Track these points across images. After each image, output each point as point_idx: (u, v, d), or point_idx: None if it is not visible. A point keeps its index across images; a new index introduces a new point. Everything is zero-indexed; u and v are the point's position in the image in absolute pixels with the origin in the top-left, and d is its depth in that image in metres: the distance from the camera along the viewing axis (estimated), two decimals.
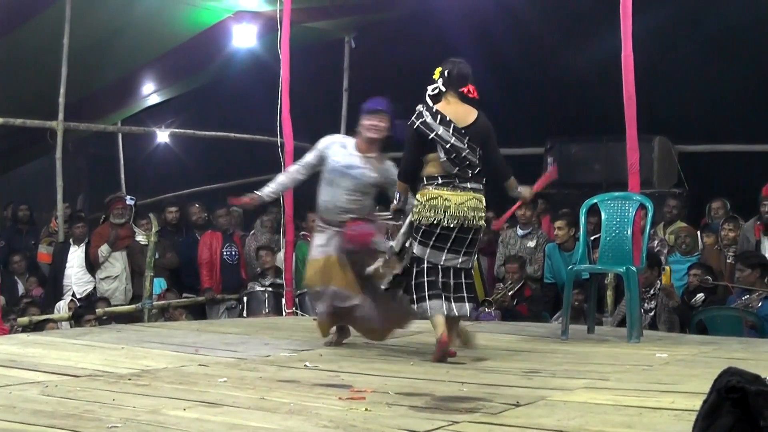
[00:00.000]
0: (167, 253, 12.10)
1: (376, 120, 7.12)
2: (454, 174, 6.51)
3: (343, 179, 7.13)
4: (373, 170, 7.15)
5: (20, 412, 4.35)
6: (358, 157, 7.16)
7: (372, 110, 7.16)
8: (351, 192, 7.14)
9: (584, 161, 12.95)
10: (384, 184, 7.22)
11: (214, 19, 13.19)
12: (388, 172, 7.20)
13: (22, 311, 10.10)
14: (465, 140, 6.50)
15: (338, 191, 7.15)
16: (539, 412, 4.40)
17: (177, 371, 5.84)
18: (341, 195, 7.14)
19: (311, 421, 4.17)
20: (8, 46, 9.80)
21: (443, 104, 6.67)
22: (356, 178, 7.12)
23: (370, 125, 7.12)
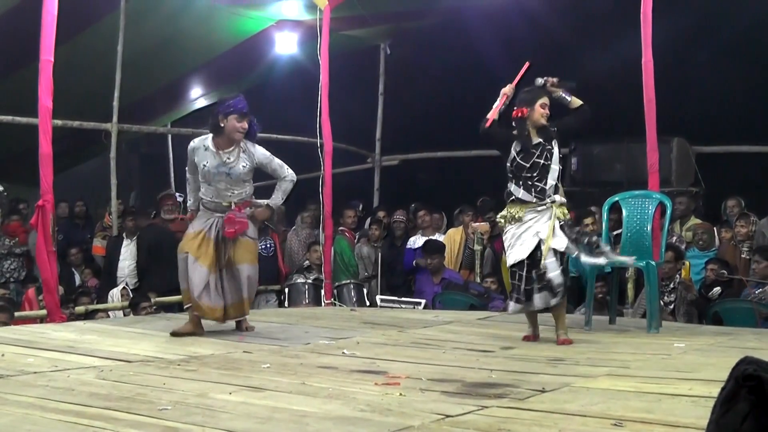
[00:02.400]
0: None
1: (245, 122, 7.12)
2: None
3: (218, 178, 7.19)
4: (242, 161, 7.18)
5: (78, 394, 4.39)
6: (221, 154, 7.17)
7: (242, 112, 7.11)
8: (229, 188, 7.21)
9: (606, 161, 12.89)
10: (262, 167, 7.33)
11: (258, 27, 13.23)
12: (255, 154, 7.25)
13: (74, 301, 10.17)
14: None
15: (219, 189, 7.22)
16: (564, 398, 4.39)
17: (223, 357, 5.87)
18: (222, 192, 7.22)
19: (349, 405, 4.18)
20: (67, 53, 9.86)
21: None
22: (230, 174, 7.18)
23: (240, 127, 7.10)
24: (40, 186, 8.05)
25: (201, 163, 7.20)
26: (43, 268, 8.11)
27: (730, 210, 11.16)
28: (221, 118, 7.11)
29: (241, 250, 7.24)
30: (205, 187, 7.27)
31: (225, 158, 7.14)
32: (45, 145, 7.97)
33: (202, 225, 7.22)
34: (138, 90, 13.41)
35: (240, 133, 7.11)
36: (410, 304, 10.48)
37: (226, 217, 7.16)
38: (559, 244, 6.75)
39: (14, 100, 11.44)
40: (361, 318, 8.73)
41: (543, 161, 6.81)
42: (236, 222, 7.14)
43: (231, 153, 7.16)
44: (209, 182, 7.22)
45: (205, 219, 7.25)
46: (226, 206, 7.22)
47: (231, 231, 7.13)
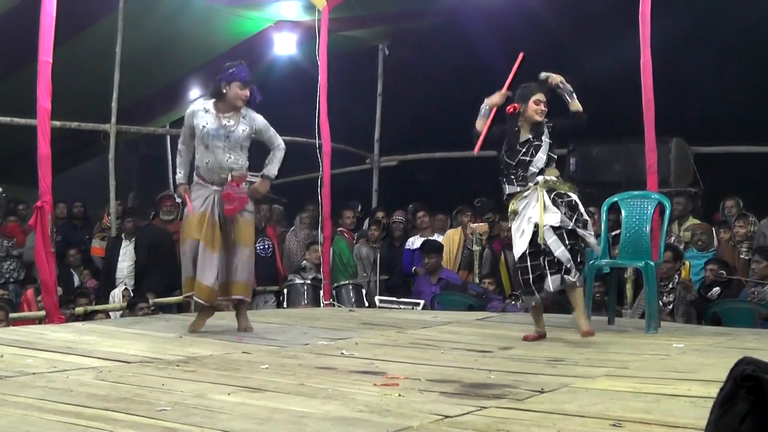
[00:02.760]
0: None
1: (247, 90, 7.26)
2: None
3: (217, 140, 7.23)
4: (241, 126, 7.26)
5: (77, 395, 4.39)
6: (221, 117, 7.24)
7: (245, 81, 7.24)
8: (227, 151, 7.24)
9: (605, 161, 12.89)
10: (257, 136, 7.42)
11: (257, 28, 13.23)
12: (256, 120, 7.36)
13: (74, 302, 10.17)
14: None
15: (217, 152, 7.24)
16: (562, 399, 4.39)
17: (222, 358, 5.87)
18: (220, 155, 7.24)
19: (348, 406, 4.17)
20: (65, 54, 9.86)
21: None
22: (228, 137, 7.23)
23: (242, 95, 7.23)
24: (39, 187, 8.05)
25: (200, 125, 7.25)
26: (42, 269, 8.10)
27: (728, 210, 11.17)
28: (224, 85, 7.22)
29: (243, 229, 7.31)
30: (201, 152, 7.29)
31: (225, 122, 7.22)
32: (43, 146, 7.97)
33: (203, 205, 7.21)
34: (137, 91, 13.41)
35: (242, 100, 7.23)
36: (409, 304, 10.49)
37: (225, 193, 7.18)
38: (553, 219, 6.75)
39: (13, 101, 11.44)
40: (360, 319, 8.74)
41: (528, 158, 6.87)
42: (235, 198, 7.19)
43: (231, 117, 7.25)
44: (207, 145, 7.25)
45: (203, 197, 7.25)
46: (223, 178, 7.23)
47: (231, 208, 7.18)
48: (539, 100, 6.92)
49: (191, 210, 7.26)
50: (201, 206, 7.22)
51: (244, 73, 7.25)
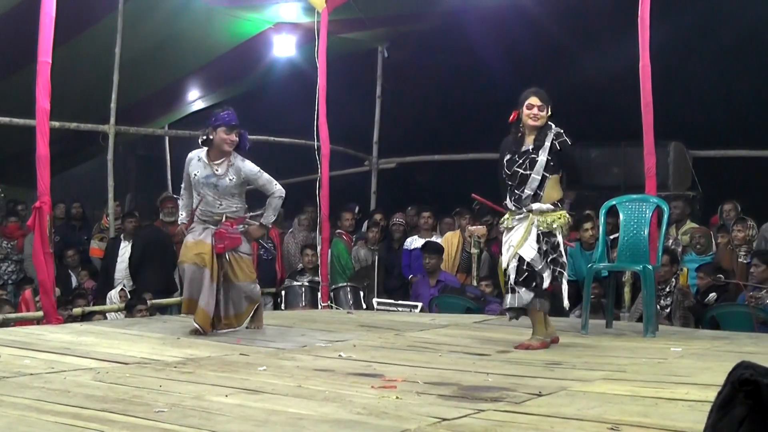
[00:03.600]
0: None
1: (233, 135, 7.30)
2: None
3: (207, 189, 7.35)
4: (229, 175, 7.33)
5: (74, 396, 4.39)
6: (212, 165, 7.35)
7: (231, 125, 7.29)
8: (218, 198, 7.35)
9: (603, 165, 12.91)
10: (250, 182, 7.47)
11: (256, 29, 13.22)
12: (243, 169, 7.38)
13: (72, 302, 10.16)
14: None
15: (207, 199, 7.37)
16: (560, 402, 4.39)
17: (220, 360, 5.87)
18: (212, 202, 7.36)
19: (345, 408, 4.17)
20: (64, 55, 9.84)
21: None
22: (216, 186, 7.32)
23: (228, 139, 7.29)
24: (38, 187, 8.05)
25: (193, 173, 7.39)
26: (40, 269, 8.10)
27: (726, 214, 11.17)
28: (210, 131, 7.33)
29: (238, 268, 7.38)
30: (196, 198, 7.44)
31: (214, 169, 7.32)
32: (42, 147, 7.97)
33: (200, 234, 7.32)
34: (135, 92, 13.41)
35: (228, 144, 7.29)
36: (407, 307, 10.48)
37: (217, 231, 7.29)
38: (527, 253, 6.72)
39: (12, 101, 11.43)
40: (358, 321, 8.74)
41: (522, 170, 6.80)
42: (226, 238, 7.28)
43: (220, 165, 7.33)
44: (198, 192, 7.39)
45: (201, 229, 7.36)
46: (217, 219, 7.34)
47: (221, 246, 7.26)
48: (531, 104, 6.81)
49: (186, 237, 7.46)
50: (199, 234, 7.34)
51: (228, 117, 7.32)
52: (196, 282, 7.23)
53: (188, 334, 7.24)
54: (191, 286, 7.28)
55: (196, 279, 7.23)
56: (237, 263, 7.36)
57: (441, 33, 13.85)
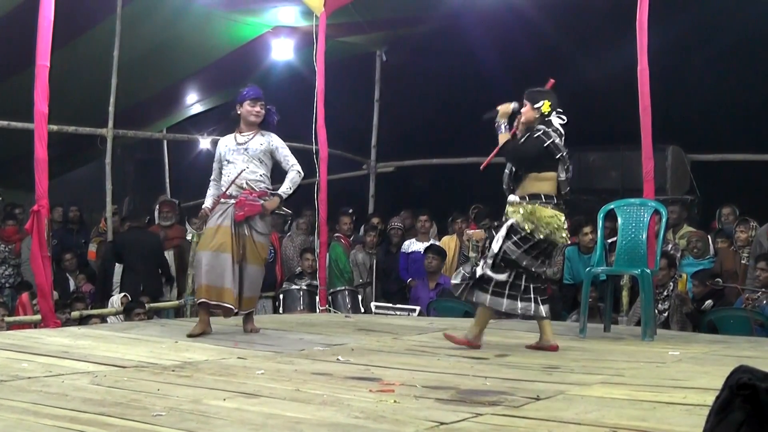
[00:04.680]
0: None
1: (258, 107, 7.60)
2: (564, 194, 6.84)
3: (237, 155, 7.54)
4: (258, 140, 7.57)
5: (72, 399, 4.38)
6: (240, 136, 7.61)
7: (255, 97, 7.61)
8: (246, 162, 7.52)
9: (602, 169, 12.92)
10: (272, 152, 7.65)
11: (254, 33, 13.23)
12: (272, 137, 7.66)
13: (69, 306, 10.16)
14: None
15: (237, 164, 7.53)
16: (558, 406, 4.39)
17: (217, 363, 5.86)
18: (240, 165, 7.53)
19: (343, 412, 4.17)
20: (63, 58, 9.85)
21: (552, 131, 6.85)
22: (247, 151, 7.53)
23: (253, 111, 7.59)
24: (35, 191, 8.05)
25: (223, 148, 7.64)
26: (38, 273, 8.10)
27: (725, 218, 11.18)
28: (237, 107, 7.65)
29: (252, 249, 7.51)
30: (225, 170, 7.60)
31: (243, 138, 7.57)
32: (40, 150, 7.97)
33: (220, 217, 7.45)
34: (134, 95, 13.41)
35: (254, 116, 7.58)
36: (405, 311, 10.49)
37: (238, 200, 7.43)
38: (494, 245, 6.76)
39: (10, 105, 11.44)
40: (356, 325, 8.73)
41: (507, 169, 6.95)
42: (246, 204, 7.43)
43: (248, 135, 7.60)
44: (230, 160, 7.56)
45: (221, 210, 7.48)
46: (242, 186, 7.46)
47: (240, 214, 7.42)
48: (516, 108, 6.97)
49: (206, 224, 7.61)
50: (218, 219, 7.46)
51: (253, 91, 7.63)
52: (217, 268, 7.33)
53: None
54: (211, 274, 7.35)
55: (217, 265, 7.33)
56: (253, 244, 7.49)
57: (439, 36, 13.87)
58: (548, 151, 6.75)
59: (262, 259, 7.63)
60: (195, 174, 18.18)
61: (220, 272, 7.31)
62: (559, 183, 6.80)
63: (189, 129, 16.43)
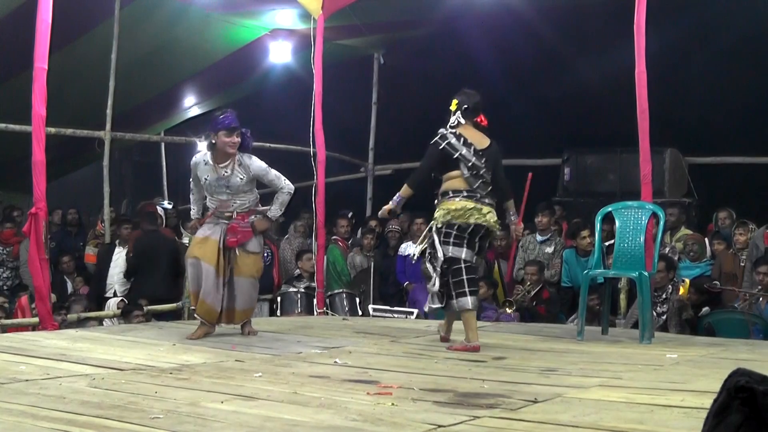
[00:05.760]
0: None
1: (234, 136, 7.36)
2: (475, 188, 7.03)
3: (220, 190, 7.48)
4: (239, 174, 7.44)
5: (69, 402, 4.38)
6: (219, 167, 7.44)
7: (230, 128, 7.36)
8: (231, 197, 7.50)
9: (599, 171, 12.92)
10: (259, 179, 7.58)
11: (252, 36, 13.24)
12: (251, 167, 7.49)
13: (68, 309, 10.15)
14: (482, 161, 7.06)
15: (222, 199, 7.51)
16: (556, 409, 4.39)
17: (215, 366, 5.86)
18: (226, 201, 7.51)
19: (341, 415, 4.17)
20: (60, 61, 9.85)
21: (463, 129, 7.18)
22: (230, 187, 7.45)
23: (229, 142, 7.36)
24: (33, 194, 8.04)
25: (202, 177, 7.51)
26: (36, 275, 8.09)
27: (721, 222, 11.18)
28: (212, 135, 7.42)
29: (243, 264, 7.53)
30: (209, 198, 7.61)
31: (222, 172, 7.42)
32: (38, 153, 7.96)
33: (210, 231, 7.49)
34: (131, 98, 13.41)
35: (230, 147, 7.37)
36: (402, 313, 10.48)
37: (229, 226, 7.47)
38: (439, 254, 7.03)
39: (8, 107, 11.43)
40: (354, 327, 8.73)
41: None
42: (239, 232, 7.48)
43: (227, 167, 7.42)
44: (212, 194, 7.54)
45: (212, 225, 7.53)
46: (229, 215, 7.50)
47: (233, 240, 7.46)
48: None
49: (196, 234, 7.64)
50: (207, 231, 7.51)
51: (228, 120, 7.38)
52: (199, 277, 7.41)
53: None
54: (196, 281, 7.45)
55: (199, 274, 7.40)
56: (242, 259, 7.51)
57: (437, 39, 13.88)
58: (445, 152, 7.11)
59: (252, 273, 7.62)
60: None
61: (205, 284, 7.37)
62: (465, 180, 7.05)
63: (187, 132, 16.42)
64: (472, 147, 7.05)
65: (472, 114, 7.26)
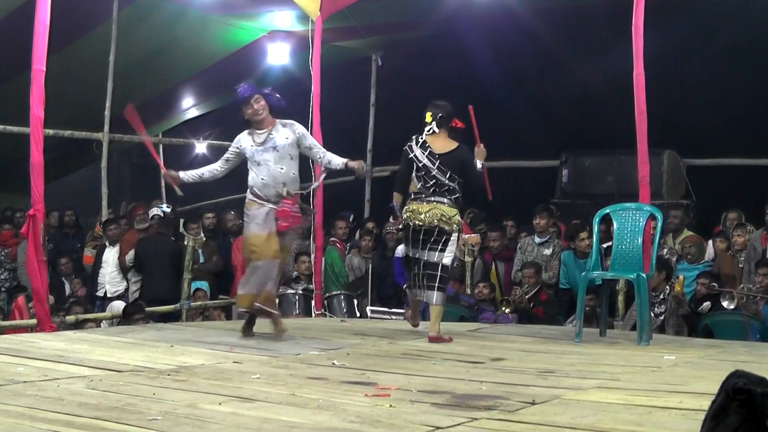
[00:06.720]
0: (213, 257, 12.09)
1: (253, 104, 7.44)
2: (421, 189, 7.67)
3: (267, 154, 7.44)
4: (285, 134, 7.50)
5: (68, 404, 4.38)
6: (260, 134, 7.49)
7: (245, 99, 7.46)
8: (278, 162, 7.45)
9: (597, 173, 12.94)
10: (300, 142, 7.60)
11: (250, 38, 13.24)
12: (294, 125, 7.59)
13: (67, 310, 10.15)
14: (436, 164, 7.62)
15: (269, 165, 7.45)
16: (554, 410, 4.39)
17: (213, 368, 5.85)
18: (272, 167, 7.45)
19: (339, 417, 4.17)
20: (59, 62, 9.85)
21: (432, 136, 7.79)
22: (276, 148, 7.44)
23: (251, 112, 7.46)
24: (31, 195, 8.03)
25: (247, 148, 7.49)
26: (33, 277, 8.07)
27: (730, 223, 11.16)
28: (241, 113, 7.53)
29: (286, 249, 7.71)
30: (255, 171, 7.49)
31: (265, 137, 7.45)
32: (36, 155, 7.94)
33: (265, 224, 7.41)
34: (130, 100, 13.35)
35: (257, 114, 7.44)
36: (400, 315, 10.48)
37: (281, 209, 7.43)
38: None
39: (6, 109, 11.44)
40: (352, 329, 8.72)
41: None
42: (291, 216, 7.48)
43: (269, 131, 7.48)
44: (258, 162, 7.45)
45: (262, 215, 7.42)
46: (278, 193, 7.42)
47: (285, 225, 7.48)
48: None
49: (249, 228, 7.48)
50: (264, 225, 7.42)
51: (240, 94, 7.50)
52: (271, 275, 7.42)
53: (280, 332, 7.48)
54: (264, 280, 7.40)
55: (271, 273, 7.42)
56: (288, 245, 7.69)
57: (435, 41, 13.89)
58: (404, 153, 7.83)
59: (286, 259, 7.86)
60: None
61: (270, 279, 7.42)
62: (415, 181, 7.71)
63: (185, 133, 16.43)
64: (428, 150, 7.67)
65: (447, 121, 7.80)
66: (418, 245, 7.63)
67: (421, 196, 7.65)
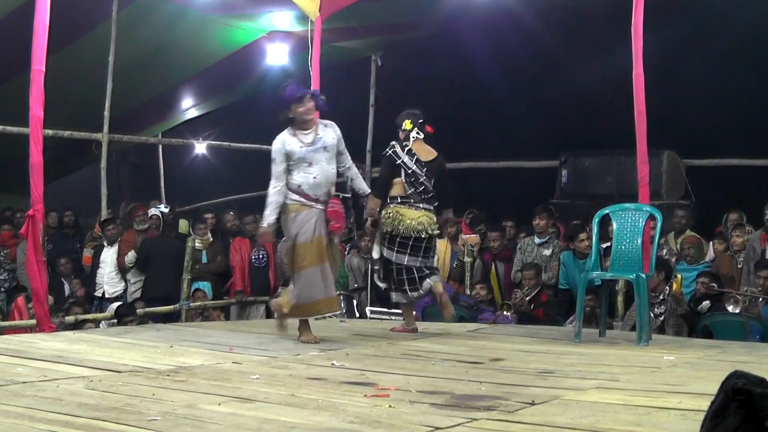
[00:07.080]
0: (218, 257, 12.09)
1: (306, 103, 7.35)
2: (410, 194, 7.93)
3: (318, 154, 7.34)
4: (328, 134, 7.45)
5: (67, 404, 4.38)
6: (307, 135, 7.37)
7: (299, 97, 7.34)
8: (330, 161, 7.40)
9: (597, 174, 12.93)
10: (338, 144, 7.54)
11: (249, 38, 13.24)
12: (335, 127, 7.54)
13: (66, 311, 10.15)
14: (423, 170, 7.94)
15: (322, 165, 7.35)
16: (553, 411, 4.38)
17: (212, 368, 5.85)
18: (326, 166, 7.37)
19: (338, 417, 4.17)
20: (58, 63, 9.85)
21: (415, 143, 8.09)
22: (326, 148, 7.38)
23: (304, 109, 7.34)
24: (31, 195, 8.03)
25: (295, 149, 7.29)
26: (33, 277, 8.08)
27: (731, 223, 11.16)
28: (288, 112, 7.36)
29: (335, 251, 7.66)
30: (305, 170, 7.31)
31: (312, 137, 7.35)
32: (36, 155, 7.95)
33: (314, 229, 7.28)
34: (129, 100, 13.42)
35: (307, 113, 7.35)
36: (400, 315, 10.47)
37: (332, 210, 7.39)
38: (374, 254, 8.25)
39: (5, 109, 11.44)
40: (351, 329, 8.72)
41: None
42: (340, 216, 7.48)
43: (314, 132, 7.38)
44: (310, 162, 7.30)
45: (311, 220, 7.29)
46: (327, 192, 7.37)
47: (338, 226, 7.51)
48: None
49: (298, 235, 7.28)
50: (314, 231, 7.28)
51: (293, 91, 7.37)
52: (319, 282, 7.28)
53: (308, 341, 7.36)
54: (313, 289, 7.28)
55: (319, 279, 7.27)
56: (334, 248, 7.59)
57: (434, 41, 13.89)
58: (390, 159, 8.07)
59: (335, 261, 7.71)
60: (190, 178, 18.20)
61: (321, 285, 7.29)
62: (403, 185, 7.95)
63: (184, 134, 16.43)
64: (415, 157, 7.96)
65: (422, 127, 8.14)
66: (419, 252, 7.91)
67: (410, 201, 7.90)
